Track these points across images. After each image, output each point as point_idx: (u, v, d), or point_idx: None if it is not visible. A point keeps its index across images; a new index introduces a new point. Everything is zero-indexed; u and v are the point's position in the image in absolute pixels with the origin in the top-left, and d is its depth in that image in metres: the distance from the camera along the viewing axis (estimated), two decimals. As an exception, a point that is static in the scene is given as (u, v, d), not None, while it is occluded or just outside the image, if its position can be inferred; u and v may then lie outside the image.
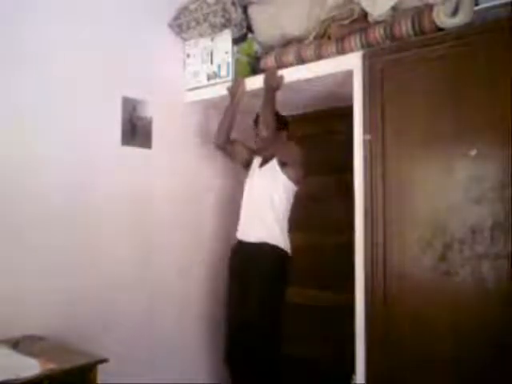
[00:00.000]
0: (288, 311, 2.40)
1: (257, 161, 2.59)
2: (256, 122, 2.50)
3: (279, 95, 2.39)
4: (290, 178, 2.39)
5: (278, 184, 2.39)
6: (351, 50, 2.14)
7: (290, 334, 2.42)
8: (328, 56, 2.23)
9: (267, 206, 2.38)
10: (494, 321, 1.71)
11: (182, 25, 2.59)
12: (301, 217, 2.54)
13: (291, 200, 2.44)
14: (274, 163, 2.43)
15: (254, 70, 2.57)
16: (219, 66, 2.61)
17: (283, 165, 2.40)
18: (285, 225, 2.42)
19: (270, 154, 2.47)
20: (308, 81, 2.35)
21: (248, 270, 2.39)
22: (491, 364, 1.70)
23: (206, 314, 2.83)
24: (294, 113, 2.89)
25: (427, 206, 1.87)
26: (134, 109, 2.46)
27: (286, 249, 2.39)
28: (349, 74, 2.12)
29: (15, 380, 1.45)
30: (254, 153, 2.64)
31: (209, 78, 2.65)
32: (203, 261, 2.82)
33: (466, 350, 1.76)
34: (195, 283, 2.78)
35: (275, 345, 2.33)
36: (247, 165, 2.65)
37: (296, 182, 2.41)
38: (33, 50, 2.06)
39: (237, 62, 2.58)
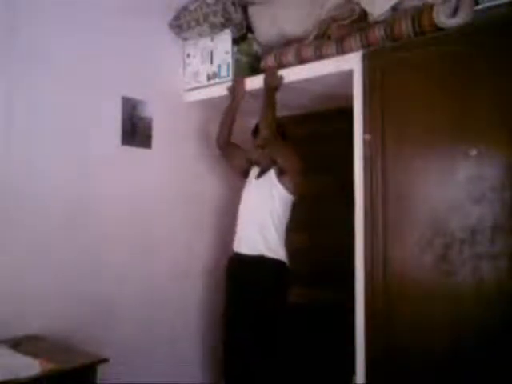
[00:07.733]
0: (288, 311, 2.40)
1: (253, 172, 2.56)
2: (255, 132, 2.50)
3: (279, 95, 2.38)
4: (286, 188, 2.36)
5: (274, 195, 2.36)
6: (351, 50, 2.13)
7: (289, 334, 2.42)
8: (328, 56, 2.22)
9: (264, 218, 2.35)
10: (493, 321, 1.71)
11: (182, 25, 2.58)
12: (300, 217, 2.54)
13: (288, 211, 2.41)
14: (271, 174, 2.41)
15: (254, 70, 2.57)
16: (219, 66, 2.61)
17: (281, 173, 2.37)
18: (283, 236, 2.39)
19: (267, 163, 2.44)
20: (308, 81, 2.34)
21: (247, 287, 2.34)
22: (491, 364, 1.70)
23: (203, 316, 2.83)
24: (294, 113, 2.89)
25: (427, 206, 1.87)
26: (134, 109, 2.46)
27: (284, 261, 2.35)
28: (349, 74, 2.12)
29: (15, 380, 1.46)
30: (251, 163, 2.60)
31: (209, 78, 2.65)
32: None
33: (465, 349, 1.76)
34: (193, 285, 2.78)
35: (274, 364, 2.28)
36: (244, 173, 2.62)
37: (293, 191, 2.37)
38: (33, 49, 2.06)
39: (237, 62, 2.58)
